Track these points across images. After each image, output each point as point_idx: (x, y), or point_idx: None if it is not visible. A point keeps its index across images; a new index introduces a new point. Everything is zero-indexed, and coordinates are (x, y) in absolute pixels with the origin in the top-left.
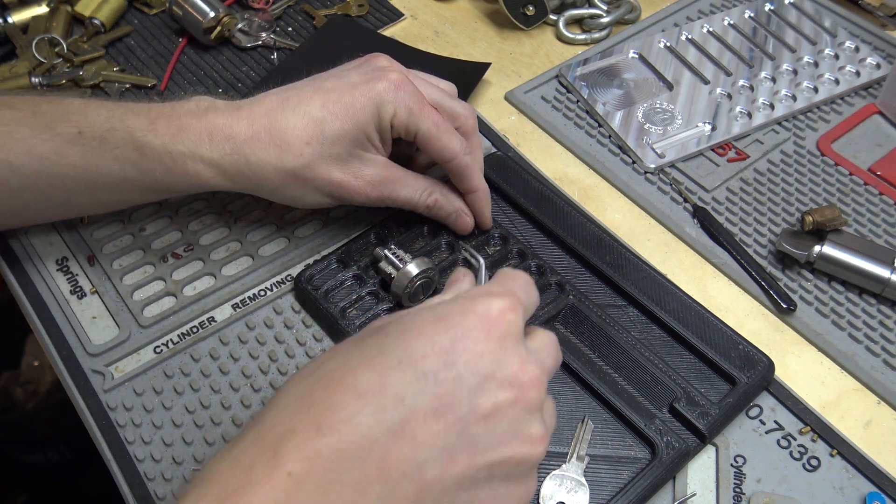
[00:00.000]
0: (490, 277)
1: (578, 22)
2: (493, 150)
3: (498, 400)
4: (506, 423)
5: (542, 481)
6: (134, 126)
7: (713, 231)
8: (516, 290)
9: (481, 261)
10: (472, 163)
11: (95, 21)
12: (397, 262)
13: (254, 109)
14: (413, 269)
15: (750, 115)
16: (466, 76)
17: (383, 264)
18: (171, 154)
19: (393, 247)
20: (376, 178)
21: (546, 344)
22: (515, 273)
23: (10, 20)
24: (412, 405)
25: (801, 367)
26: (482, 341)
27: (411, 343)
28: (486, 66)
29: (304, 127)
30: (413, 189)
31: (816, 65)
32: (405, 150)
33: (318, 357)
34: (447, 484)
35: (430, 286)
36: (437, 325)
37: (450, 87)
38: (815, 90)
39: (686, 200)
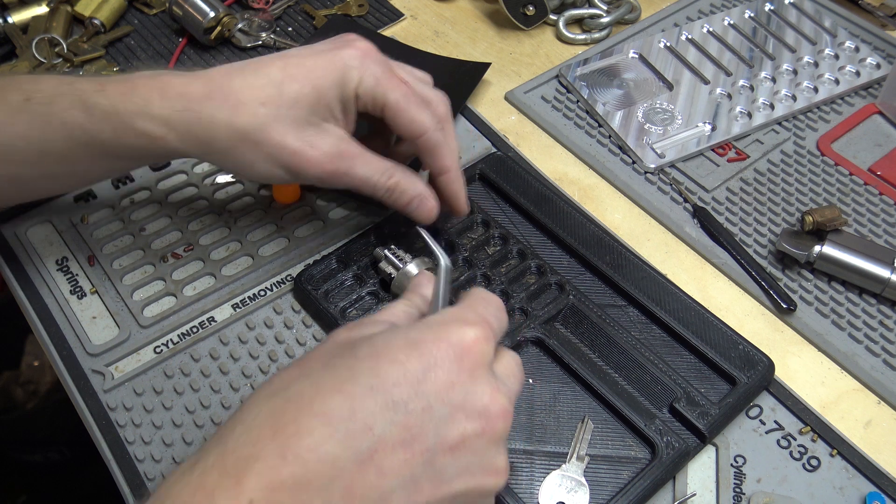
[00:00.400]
0: (448, 281)
1: (578, 22)
2: (493, 150)
3: (466, 431)
4: (471, 455)
5: (542, 481)
6: (83, 88)
7: (713, 231)
8: (489, 316)
9: (443, 262)
10: (444, 139)
11: (95, 21)
12: (397, 262)
13: (210, 73)
14: (413, 268)
15: (750, 115)
16: (466, 76)
17: (383, 264)
18: (120, 113)
19: (393, 247)
20: (333, 150)
21: (512, 369)
22: (488, 297)
23: (10, 20)
24: (381, 434)
25: (801, 367)
26: (454, 372)
27: (383, 369)
28: (486, 66)
29: (261, 87)
30: (372, 168)
31: (816, 65)
32: (381, 142)
33: (286, 371)
34: None
35: None
36: (409, 352)
37: (425, 75)
38: (815, 90)
39: (686, 200)
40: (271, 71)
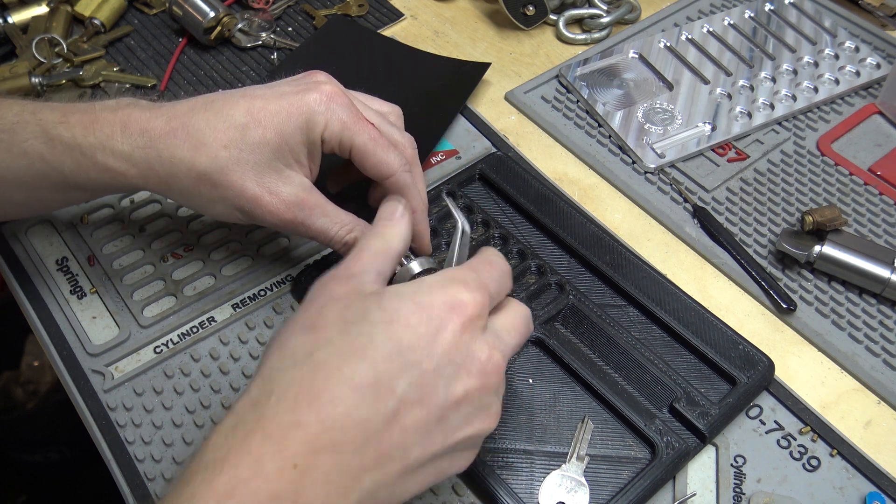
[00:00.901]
0: (466, 244)
1: (578, 22)
2: (493, 150)
3: (468, 387)
4: (472, 406)
5: (542, 481)
6: (46, 119)
7: (713, 231)
8: (488, 280)
9: (461, 224)
10: (412, 181)
11: (95, 21)
12: (402, 260)
13: (175, 107)
14: (416, 266)
15: (750, 115)
16: (466, 76)
17: None
18: (81, 146)
19: None
20: (292, 198)
21: (514, 323)
22: (494, 261)
23: (10, 20)
24: (402, 395)
25: (801, 367)
26: (458, 334)
27: (399, 334)
28: (486, 65)
29: (223, 129)
30: (331, 221)
31: (816, 65)
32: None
33: (299, 333)
34: (424, 461)
35: None
36: (419, 316)
37: (393, 109)
38: (815, 90)
39: (686, 200)
40: (235, 113)
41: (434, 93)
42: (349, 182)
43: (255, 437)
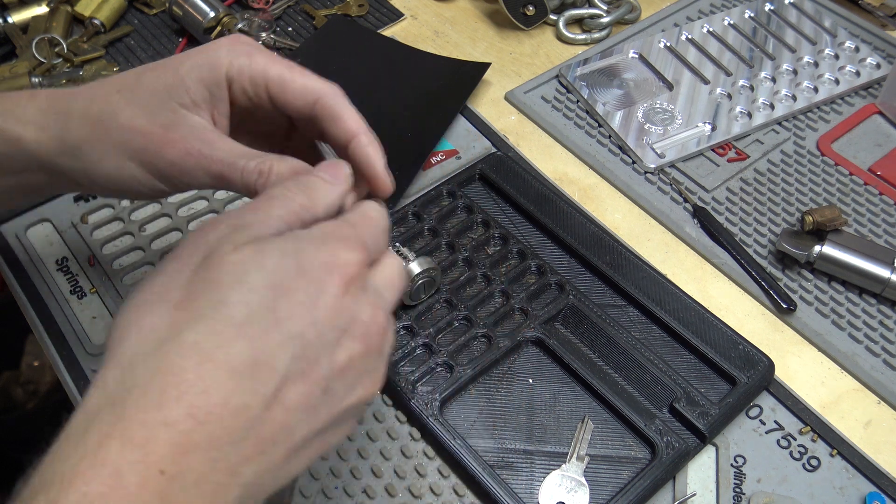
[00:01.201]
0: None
1: (578, 22)
2: (493, 150)
3: (352, 352)
4: (356, 372)
5: (542, 481)
6: None
7: (713, 231)
8: (368, 237)
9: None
10: (345, 101)
11: (95, 21)
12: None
13: (88, 83)
14: (416, 267)
15: (750, 115)
16: (466, 76)
17: None
18: None
19: (397, 244)
20: (188, 131)
21: (391, 279)
22: (374, 216)
23: (10, 20)
24: (283, 371)
25: (801, 367)
26: (339, 296)
27: (279, 303)
28: (486, 65)
29: (121, 78)
30: (239, 150)
31: (816, 65)
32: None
33: (164, 306)
34: (309, 438)
35: (432, 286)
36: (298, 280)
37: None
38: (815, 90)
39: (686, 200)
40: (137, 67)
41: (434, 93)
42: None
43: (113, 442)
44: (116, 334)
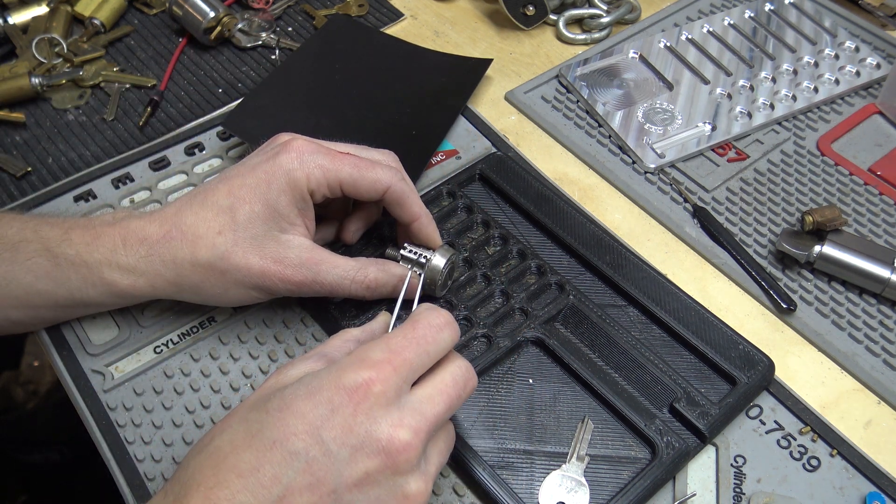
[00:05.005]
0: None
1: (578, 22)
2: (493, 150)
3: (368, 468)
4: (377, 487)
5: (542, 481)
6: (48, 236)
7: (713, 231)
8: (403, 349)
9: (410, 276)
10: (409, 187)
11: (95, 21)
12: (420, 259)
13: (164, 211)
14: (439, 261)
15: (750, 115)
16: (468, 73)
17: (402, 263)
18: (87, 263)
19: (406, 245)
20: (298, 260)
21: (440, 388)
22: (419, 320)
23: (10, 20)
24: (288, 483)
25: (801, 367)
26: (350, 416)
27: (287, 422)
28: (488, 62)
29: (213, 217)
30: (343, 269)
31: (816, 65)
32: (338, 211)
33: (217, 424)
34: None
35: (454, 271)
36: (308, 401)
37: (358, 148)
38: (815, 90)
39: (686, 200)
40: (219, 198)
41: (437, 90)
42: (361, 229)
43: None
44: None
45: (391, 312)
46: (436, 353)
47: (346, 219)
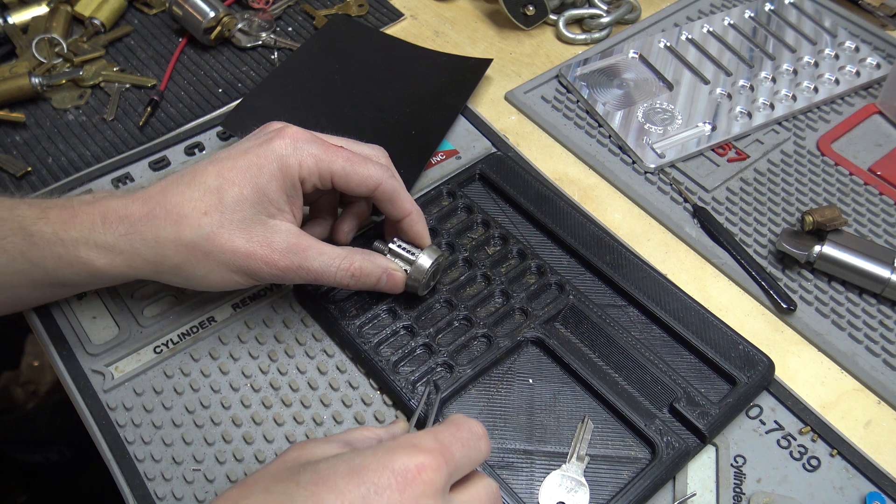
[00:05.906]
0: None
1: (578, 22)
2: (493, 150)
3: None
4: None
5: (542, 481)
6: (24, 215)
7: (713, 231)
8: (450, 444)
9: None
10: (399, 184)
11: (95, 21)
12: (408, 256)
13: (149, 190)
14: (425, 261)
15: (750, 115)
16: (468, 73)
17: (389, 257)
18: (63, 241)
19: (396, 239)
20: (284, 245)
21: (475, 499)
22: (461, 423)
23: (10, 20)
24: None
25: (801, 367)
26: (395, 500)
27: (321, 496)
28: (488, 61)
29: (200, 198)
30: (329, 257)
31: (816, 65)
32: (327, 206)
33: (233, 489)
34: None
35: (438, 272)
36: (350, 479)
37: (349, 142)
38: (815, 90)
39: (686, 200)
40: (207, 179)
41: (437, 90)
42: (354, 229)
43: None
44: None
45: (406, 417)
46: (475, 460)
47: (338, 219)
